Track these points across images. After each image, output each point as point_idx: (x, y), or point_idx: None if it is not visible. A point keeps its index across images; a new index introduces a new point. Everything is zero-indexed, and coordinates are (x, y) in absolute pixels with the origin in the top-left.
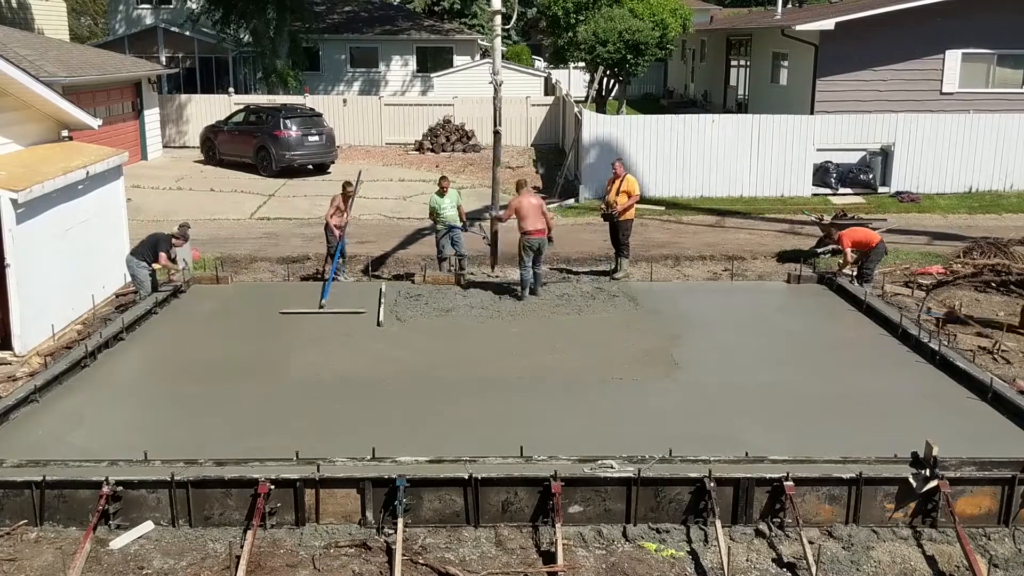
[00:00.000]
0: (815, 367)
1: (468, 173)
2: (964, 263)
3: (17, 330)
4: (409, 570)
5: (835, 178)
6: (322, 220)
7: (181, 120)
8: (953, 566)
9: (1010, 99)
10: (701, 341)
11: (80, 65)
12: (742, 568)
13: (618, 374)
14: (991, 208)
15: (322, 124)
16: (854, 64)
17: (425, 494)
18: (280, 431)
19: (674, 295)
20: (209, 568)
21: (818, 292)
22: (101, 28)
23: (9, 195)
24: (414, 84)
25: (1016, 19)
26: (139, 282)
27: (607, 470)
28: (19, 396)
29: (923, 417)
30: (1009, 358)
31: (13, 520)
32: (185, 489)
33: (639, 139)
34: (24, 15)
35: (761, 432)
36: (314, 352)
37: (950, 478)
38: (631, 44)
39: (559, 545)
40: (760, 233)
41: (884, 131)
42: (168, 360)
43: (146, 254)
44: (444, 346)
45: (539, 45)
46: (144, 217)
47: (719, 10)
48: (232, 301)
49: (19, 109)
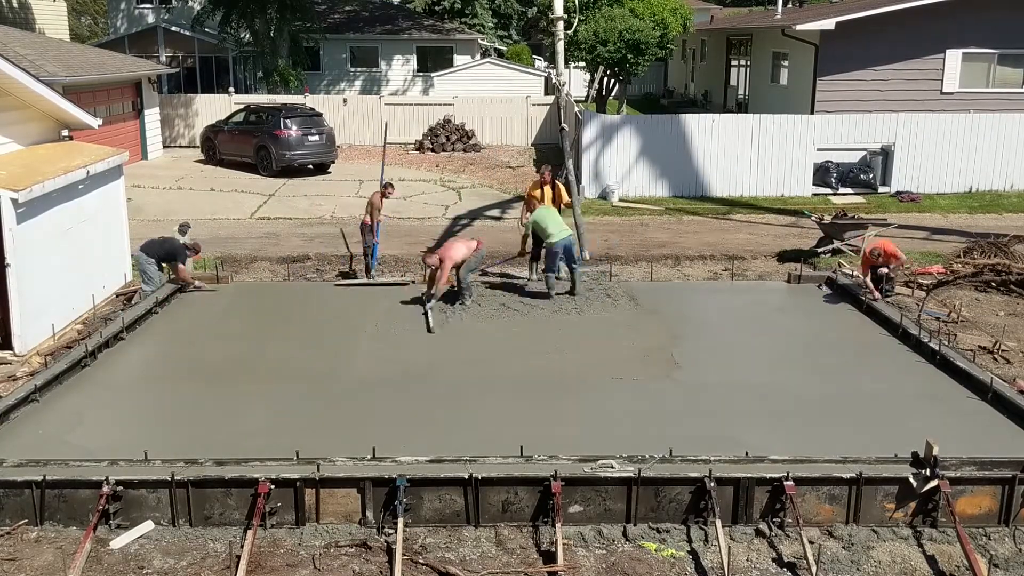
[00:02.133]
0: (815, 367)
1: (468, 173)
2: (964, 263)
3: (17, 329)
4: (409, 570)
5: (835, 178)
6: (322, 220)
7: (181, 120)
8: (953, 566)
9: (1010, 99)
10: (701, 341)
11: (80, 65)
12: (742, 568)
13: (618, 374)
14: (991, 208)
15: (322, 124)
16: (854, 64)
17: (425, 494)
18: (280, 431)
19: (674, 295)
20: (209, 568)
21: (818, 292)
22: (101, 28)
23: (9, 195)
24: (414, 84)
25: (1016, 19)
26: (148, 277)
27: (607, 470)
28: (19, 396)
29: (923, 417)
30: (1009, 358)
31: (13, 520)
32: (185, 489)
33: (639, 138)
34: (25, 15)
35: (761, 432)
36: (314, 352)
37: (950, 478)
38: (631, 44)
39: (559, 545)
40: (760, 233)
41: (884, 131)
42: (168, 360)
43: (158, 253)
44: (444, 346)
45: (539, 44)
46: (144, 217)
47: (719, 10)
48: (232, 301)
49: (19, 109)
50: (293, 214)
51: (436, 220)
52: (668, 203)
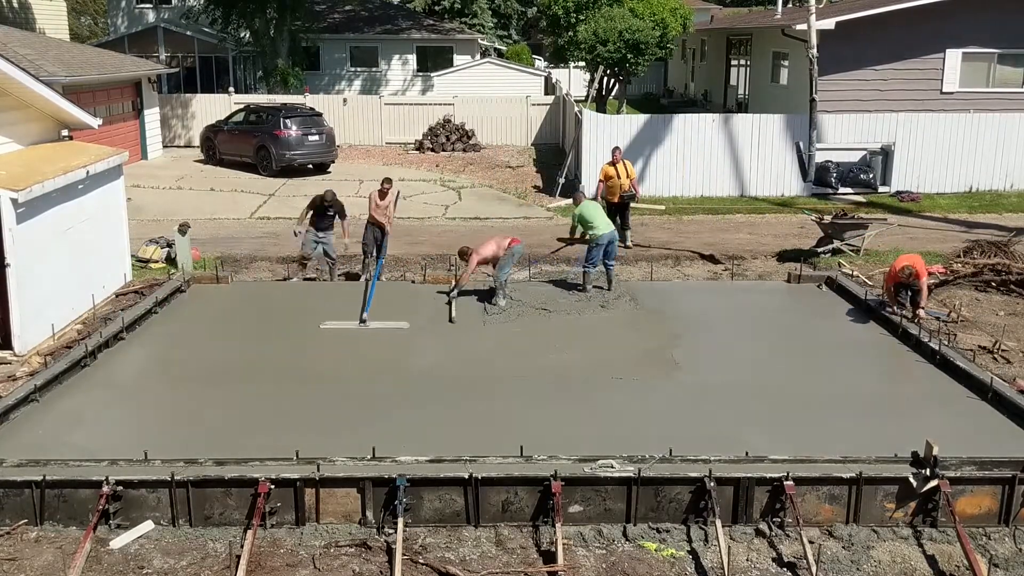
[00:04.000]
0: (815, 367)
1: (468, 173)
2: (964, 263)
3: (17, 329)
4: (409, 570)
5: (835, 177)
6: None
7: (181, 120)
8: (953, 566)
9: (1010, 98)
10: (701, 341)
11: (80, 64)
12: (742, 568)
13: (618, 374)
14: (991, 207)
15: (322, 124)
16: (854, 63)
17: (425, 494)
18: (280, 431)
19: (674, 295)
20: (209, 568)
21: (818, 292)
22: (101, 27)
23: (9, 195)
24: (414, 83)
25: (1016, 19)
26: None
27: (607, 470)
28: (19, 396)
29: (923, 417)
30: (1009, 358)
31: (13, 520)
32: (185, 489)
33: (639, 139)
34: (25, 15)
35: (761, 432)
36: (314, 352)
37: (950, 478)
38: (631, 43)
39: (559, 545)
40: (760, 233)
41: (884, 130)
42: (168, 360)
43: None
44: (444, 345)
45: (539, 44)
46: (144, 216)
47: (719, 9)
48: (232, 301)
49: (19, 108)
50: (293, 214)
51: (436, 220)
52: (668, 202)
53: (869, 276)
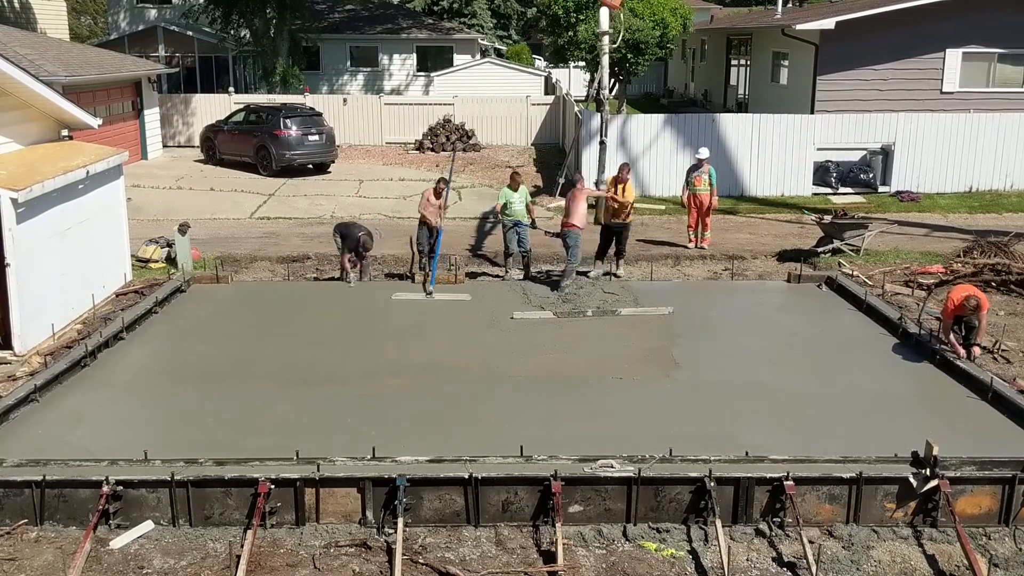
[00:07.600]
0: (815, 367)
1: (468, 172)
2: (964, 263)
3: (17, 329)
4: (409, 570)
5: (835, 177)
6: (322, 220)
7: (181, 119)
8: (953, 566)
9: (1011, 98)
10: (701, 341)
11: (80, 64)
12: (742, 568)
13: (618, 374)
14: (991, 207)
15: (322, 123)
16: (854, 63)
17: (425, 494)
18: (280, 431)
19: (674, 295)
20: (209, 568)
21: (818, 292)
22: (101, 27)
23: (9, 194)
24: (414, 83)
25: (1016, 18)
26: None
27: (607, 470)
28: (19, 396)
29: (923, 417)
30: (1009, 358)
31: (13, 520)
32: (185, 489)
33: (639, 138)
34: (25, 15)
35: (761, 432)
36: (314, 352)
37: (950, 478)
38: (631, 43)
39: (559, 545)
40: (760, 233)
41: (884, 130)
42: (168, 360)
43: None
44: (445, 346)
45: (539, 44)
46: (144, 216)
47: (719, 9)
48: (232, 301)
49: (19, 108)
50: (293, 214)
51: None
52: (668, 202)
53: (869, 276)
